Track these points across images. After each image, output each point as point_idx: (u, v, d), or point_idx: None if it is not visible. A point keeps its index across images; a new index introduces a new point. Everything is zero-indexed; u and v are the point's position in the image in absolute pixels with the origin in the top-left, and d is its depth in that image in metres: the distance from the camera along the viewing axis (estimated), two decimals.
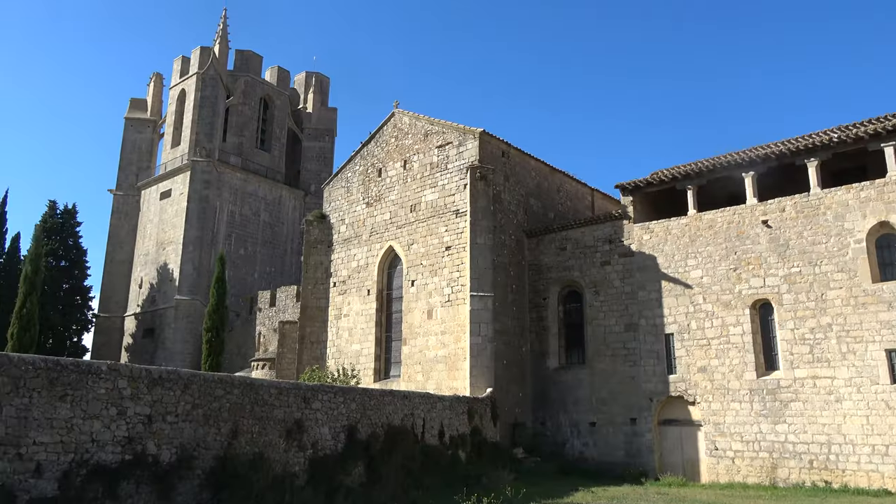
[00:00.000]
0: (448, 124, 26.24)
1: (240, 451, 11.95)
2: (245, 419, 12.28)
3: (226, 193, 45.39)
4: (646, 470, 21.36)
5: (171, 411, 11.03)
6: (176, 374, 11.33)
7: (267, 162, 49.43)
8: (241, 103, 49.05)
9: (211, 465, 11.45)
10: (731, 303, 21.04)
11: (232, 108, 48.82)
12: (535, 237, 26.43)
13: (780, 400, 19.59)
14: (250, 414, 12.41)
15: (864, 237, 19.04)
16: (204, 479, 11.30)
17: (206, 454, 11.44)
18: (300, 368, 27.24)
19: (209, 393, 11.72)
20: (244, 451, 12.02)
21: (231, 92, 48.89)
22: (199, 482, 11.22)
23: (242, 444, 12.07)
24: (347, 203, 29.42)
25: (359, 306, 27.59)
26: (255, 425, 12.47)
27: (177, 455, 10.95)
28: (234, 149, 47.78)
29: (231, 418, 12.01)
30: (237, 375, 12.97)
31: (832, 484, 18.18)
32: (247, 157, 48.02)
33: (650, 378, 22.27)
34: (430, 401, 18.54)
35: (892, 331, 18.12)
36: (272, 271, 46.74)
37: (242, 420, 12.22)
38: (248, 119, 49.13)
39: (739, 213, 21.45)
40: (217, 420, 11.75)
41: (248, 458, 11.98)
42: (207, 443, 11.49)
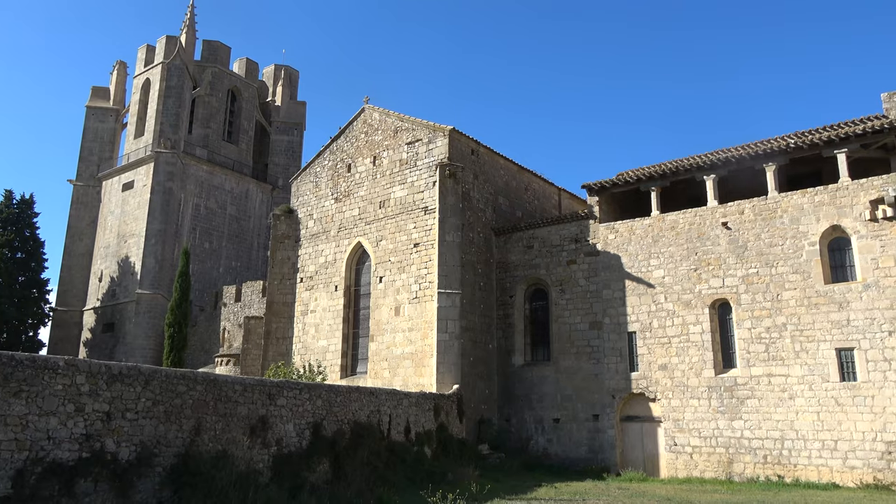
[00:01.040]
0: (418, 121, 26.27)
1: (202, 448, 11.84)
2: (208, 416, 12.17)
3: (191, 186, 44.61)
4: (608, 465, 21.80)
5: (132, 408, 10.87)
6: (136, 369, 11.17)
7: (234, 155, 48.72)
8: (207, 94, 48.21)
9: (172, 462, 11.32)
10: (691, 302, 21.58)
11: (198, 99, 47.95)
12: (503, 235, 26.67)
13: (737, 397, 20.19)
14: (214, 411, 12.30)
15: (817, 240, 19.73)
16: (165, 476, 11.18)
17: (168, 451, 11.31)
18: (265, 365, 27.01)
19: (171, 389, 11.57)
20: (207, 449, 11.91)
21: (197, 83, 48.02)
22: (160, 480, 11.10)
23: (205, 441, 11.96)
24: (316, 198, 29.23)
25: (326, 302, 27.47)
26: (219, 422, 12.36)
27: (137, 452, 10.80)
28: (200, 140, 46.96)
29: (194, 415, 11.88)
30: (200, 371, 12.84)
31: (785, 478, 18.84)
32: (213, 150, 47.25)
33: (613, 375, 22.71)
34: (397, 397, 18.60)
35: (842, 330, 18.84)
36: (238, 266, 46.13)
37: (205, 417, 12.10)
38: (214, 111, 48.33)
39: (701, 214, 22.00)
40: (179, 417, 11.62)
41: (210, 455, 11.87)
42: (169, 440, 11.36)
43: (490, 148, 27.28)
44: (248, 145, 50.20)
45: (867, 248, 18.94)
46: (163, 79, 45.38)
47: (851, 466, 18.09)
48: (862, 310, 18.66)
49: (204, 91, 48.06)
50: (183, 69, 45.75)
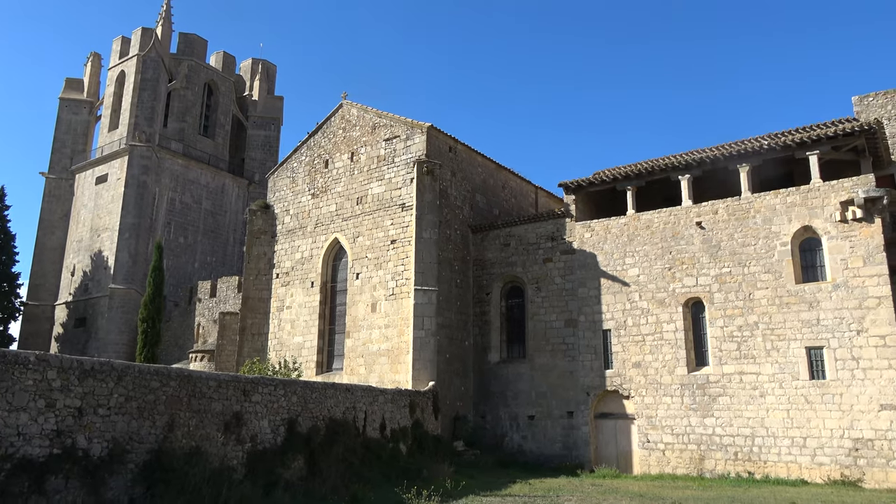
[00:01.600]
0: (396, 118, 26.21)
1: (176, 444, 11.71)
2: (182, 412, 12.03)
3: (166, 180, 43.96)
4: (582, 462, 22.01)
5: (104, 404, 10.71)
6: (109, 365, 10.99)
7: (210, 149, 48.11)
8: (183, 88, 47.53)
9: (145, 458, 11.18)
10: (665, 301, 21.86)
11: (174, 92, 47.26)
12: (480, 233, 26.75)
13: (709, 394, 20.52)
14: (187, 407, 12.17)
15: (789, 240, 20.11)
16: (137, 473, 11.03)
17: (140, 448, 11.17)
18: (240, 361, 26.77)
19: (144, 385, 11.42)
20: (180, 445, 11.78)
21: (173, 76, 47.32)
22: (132, 476, 10.95)
23: (178, 437, 11.83)
24: (293, 193, 29.01)
25: (302, 298, 27.30)
26: (193, 418, 12.23)
27: (109, 449, 10.64)
28: (175, 134, 46.29)
29: (167, 411, 11.74)
30: (174, 367, 12.68)
31: (755, 475, 19.18)
32: (189, 144, 46.60)
33: (588, 373, 22.92)
34: (373, 394, 18.56)
35: (812, 329, 19.24)
36: (213, 261, 45.60)
37: (179, 413, 11.97)
38: (190, 104, 47.67)
39: (675, 214, 22.29)
40: (152, 413, 11.47)
41: (184, 451, 11.75)
42: (141, 436, 11.21)
43: (468, 145, 27.33)
44: (225, 140, 49.62)
45: (837, 249, 19.36)
46: (138, 71, 44.64)
47: (820, 463, 18.49)
48: (831, 309, 19.07)
49: (180, 84, 47.37)
50: (158, 62, 45.05)
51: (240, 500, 11.40)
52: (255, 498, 12.06)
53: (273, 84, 54.22)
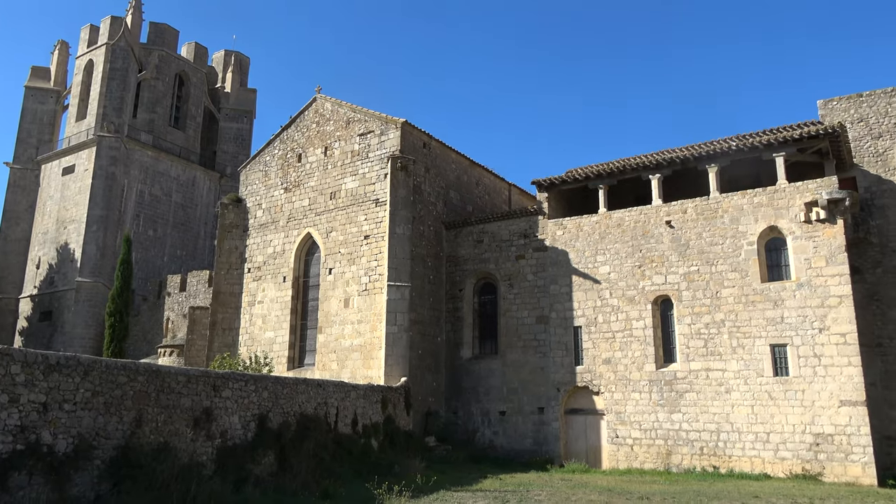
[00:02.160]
0: (371, 113, 26.11)
1: (143, 440, 11.55)
2: (150, 407, 11.87)
3: (135, 172, 43.13)
4: (552, 457, 22.26)
5: (69, 399, 10.52)
6: (75, 359, 10.80)
7: (181, 141, 47.32)
8: (154, 78, 46.64)
9: (111, 455, 11.02)
10: (635, 298, 22.19)
11: (144, 82, 46.35)
12: (454, 229, 26.82)
13: (677, 390, 20.91)
14: (156, 402, 12.01)
15: (755, 240, 20.57)
16: (104, 469, 10.87)
17: (107, 444, 11.00)
18: (210, 356, 26.47)
19: (111, 380, 11.24)
20: (148, 441, 11.63)
21: (143, 66, 46.40)
22: (99, 473, 10.78)
23: (146, 433, 11.68)
24: (265, 187, 28.72)
25: (274, 293, 27.08)
26: (161, 414, 12.08)
27: (74, 445, 10.47)
28: (145, 125, 45.43)
29: (135, 406, 11.58)
30: (142, 362, 12.50)
31: (720, 469, 19.62)
32: (159, 135, 45.77)
33: (558, 369, 23.17)
34: (345, 389, 18.52)
35: (777, 327, 19.72)
36: (183, 255, 44.89)
37: (147, 408, 11.81)
38: (161, 95, 46.80)
39: (646, 213, 22.63)
40: (119, 408, 11.30)
41: (152, 447, 11.60)
42: (108, 432, 11.04)
43: (442, 142, 27.37)
44: (196, 132, 48.84)
45: (801, 249, 19.86)
46: (107, 60, 43.65)
47: (782, 457, 18.98)
48: (795, 307, 19.56)
49: (150, 74, 46.48)
50: (128, 51, 44.12)
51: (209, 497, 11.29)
52: (224, 494, 11.96)
53: (246, 76, 53.52)
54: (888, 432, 21.07)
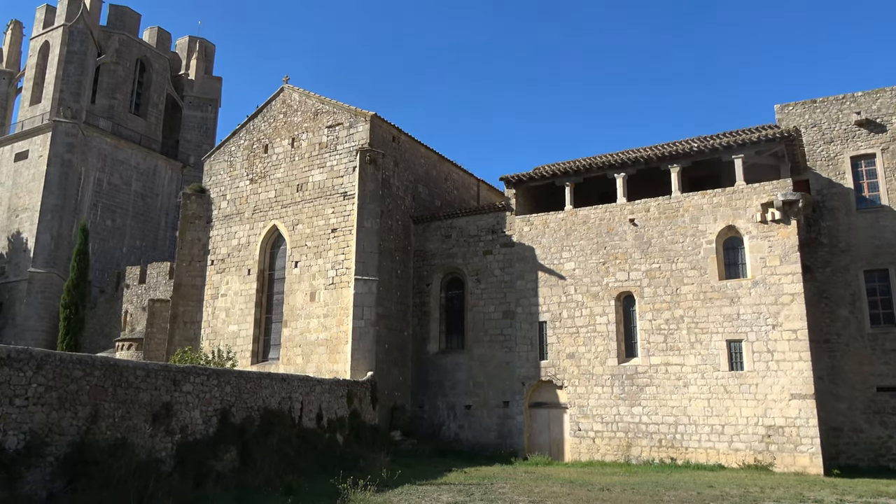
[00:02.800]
0: (339, 105, 25.90)
1: (99, 436, 11.30)
2: (107, 403, 11.61)
3: (93, 159, 41.89)
4: (516, 450, 22.54)
5: (21, 394, 10.21)
6: (27, 353, 10.48)
7: (142, 128, 46.12)
8: (114, 63, 45.32)
9: (66, 451, 10.75)
10: (598, 294, 22.58)
11: (103, 66, 45.00)
12: (422, 224, 26.83)
13: (637, 384, 21.38)
14: (113, 397, 11.75)
15: (714, 239, 21.13)
16: (57, 466, 10.60)
17: (61, 440, 10.72)
18: (171, 350, 25.98)
19: (66, 374, 10.95)
20: (104, 437, 11.38)
21: (103, 49, 45.03)
22: (52, 470, 10.51)
23: (103, 429, 11.42)
24: (230, 178, 28.26)
25: (238, 286, 26.70)
26: (118, 409, 11.83)
27: (26, 441, 10.17)
28: (104, 111, 44.14)
29: (90, 402, 11.30)
30: (99, 356, 12.22)
31: (677, 460, 20.17)
32: (119, 122, 44.54)
33: (524, 363, 23.45)
34: (310, 384, 18.41)
35: (733, 323, 20.33)
36: (143, 246, 43.87)
37: (104, 404, 11.55)
38: (121, 80, 45.51)
39: (610, 210, 23.01)
40: (74, 404, 11.03)
41: (108, 443, 11.36)
42: (62, 428, 10.77)
43: (411, 136, 27.31)
44: (158, 119, 47.67)
45: (757, 248, 20.47)
46: (64, 43, 42.24)
47: (736, 449, 19.60)
48: (750, 305, 20.18)
49: (110, 59, 45.15)
50: (87, 34, 42.76)
51: (168, 493, 11.11)
52: (184, 490, 11.79)
53: (211, 64, 52.41)
54: (834, 424, 21.96)
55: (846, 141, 23.78)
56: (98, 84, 44.49)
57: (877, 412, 21.86)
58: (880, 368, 22.07)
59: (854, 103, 23.89)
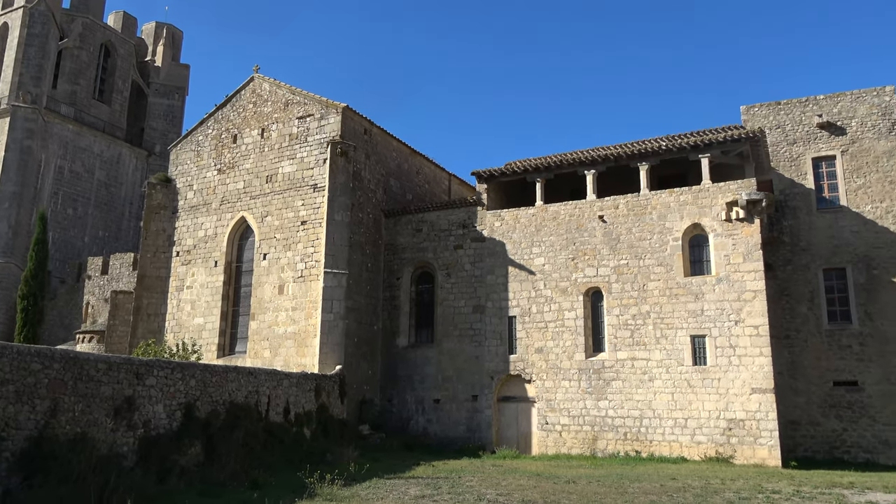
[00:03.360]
0: (311, 96, 25.61)
1: (59, 430, 11.03)
2: (66, 396, 11.33)
3: (54, 146, 40.66)
4: (484, 444, 22.69)
5: None
6: None
7: (106, 116, 44.92)
8: (77, 47, 43.99)
9: (23, 446, 10.46)
10: (567, 289, 22.82)
11: (66, 51, 43.64)
12: (393, 217, 26.74)
13: (604, 378, 21.69)
14: (73, 391, 11.47)
15: (680, 236, 21.52)
16: (14, 461, 10.31)
17: (18, 434, 10.43)
18: (134, 343, 25.46)
19: (23, 367, 10.65)
20: (64, 431, 11.11)
21: (65, 33, 43.67)
22: (8, 465, 10.22)
23: (62, 423, 11.15)
24: (197, 168, 27.74)
25: (204, 278, 26.27)
26: (79, 403, 11.55)
27: None
28: (66, 97, 42.85)
29: (49, 395, 11.01)
30: (59, 348, 11.92)
31: (641, 453, 20.54)
32: (81, 108, 43.28)
33: (493, 357, 23.59)
34: (277, 378, 18.23)
35: (697, 319, 20.75)
36: (106, 236, 42.80)
37: (63, 397, 11.26)
38: (84, 66, 44.21)
39: (580, 207, 23.25)
40: (32, 397, 10.73)
41: (68, 438, 11.09)
42: (19, 422, 10.47)
43: (383, 129, 27.17)
44: (123, 107, 46.46)
45: (721, 246, 20.91)
46: (24, 25, 40.82)
47: (698, 442, 20.05)
48: (714, 301, 20.62)
49: (73, 43, 43.82)
50: (48, 16, 41.42)
51: (130, 488, 10.89)
52: (146, 486, 11.59)
53: (179, 51, 51.26)
54: (792, 417, 22.63)
55: (808, 143, 24.42)
56: (60, 69, 43.15)
57: (833, 406, 22.58)
58: (837, 364, 22.79)
59: (816, 106, 24.53)
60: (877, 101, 23.84)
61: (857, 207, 23.47)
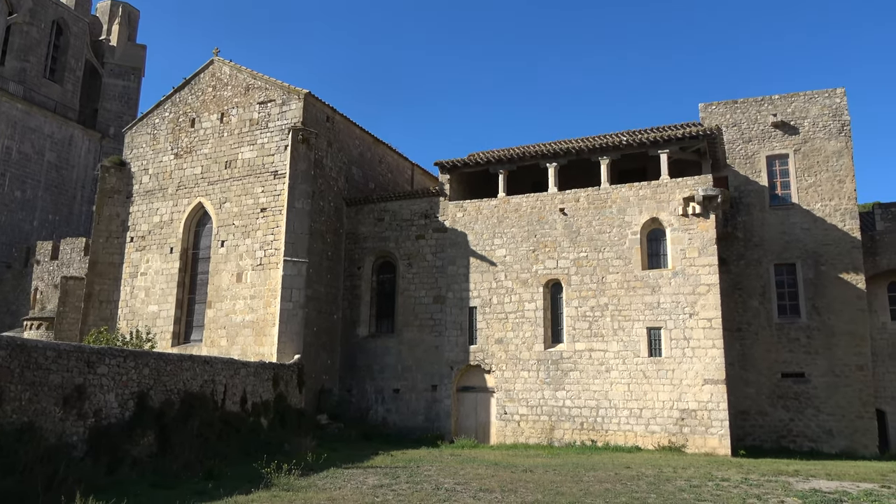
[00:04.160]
0: (272, 81, 25.14)
1: (4, 420, 10.64)
2: (13, 385, 10.93)
3: (1, 125, 39.02)
4: (443, 433, 22.81)
5: None
6: None
7: (57, 95, 43.27)
8: (27, 23, 42.17)
9: None
10: (528, 281, 23.04)
11: (15, 27, 41.80)
12: (355, 206, 26.53)
13: (562, 369, 22.01)
14: (20, 379, 11.07)
15: (639, 230, 21.92)
16: None
17: None
18: (85, 330, 24.71)
19: None
20: (10, 421, 10.73)
21: (14, 8, 41.79)
22: None
23: (8, 412, 10.76)
24: (153, 151, 26.98)
25: (159, 265, 25.63)
26: (26, 391, 11.16)
27: None
28: (14, 75, 41.08)
29: None
30: (5, 335, 11.48)
31: (597, 442, 20.95)
32: (31, 87, 41.59)
33: (453, 348, 23.69)
34: (234, 367, 17.95)
35: (653, 312, 21.21)
36: (57, 220, 41.36)
37: (9, 386, 10.86)
38: (35, 43, 42.44)
39: (542, 199, 23.46)
40: None
41: (14, 427, 10.71)
42: None
43: (346, 116, 26.88)
44: (76, 86, 44.82)
45: (678, 240, 21.39)
46: None
47: (652, 431, 20.55)
48: (670, 294, 21.11)
49: (22, 18, 41.98)
50: None
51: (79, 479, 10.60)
52: (97, 476, 11.29)
53: (135, 31, 49.65)
54: (742, 407, 23.40)
55: (763, 141, 25.12)
56: (8, 45, 41.32)
57: (780, 396, 23.42)
58: (785, 356, 23.63)
59: (771, 105, 25.24)
60: (828, 102, 24.66)
61: (807, 205, 24.29)
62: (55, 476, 10.44)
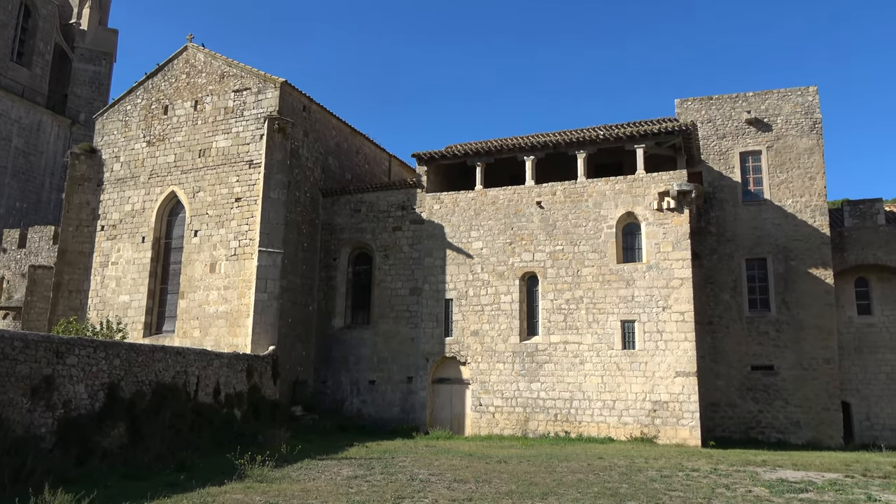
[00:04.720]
0: (248, 69, 24.78)
1: None
2: None
3: None
4: (418, 425, 22.87)
5: None
6: None
7: (25, 79, 42.09)
8: None
9: None
10: (504, 274, 23.13)
11: None
12: (331, 197, 26.34)
13: (537, 361, 22.18)
14: None
15: (614, 224, 22.13)
16: None
17: None
18: (54, 320, 24.22)
19: None
20: None
21: None
22: None
23: None
24: (124, 139, 26.44)
25: (131, 254, 25.18)
26: None
27: None
28: None
29: None
30: None
31: (571, 434, 21.18)
32: None
33: (429, 340, 23.71)
34: (207, 358, 17.75)
35: (627, 305, 21.46)
36: (24, 207, 40.34)
37: None
38: (2, 24, 41.18)
39: (519, 192, 23.54)
40: None
41: None
42: None
43: (323, 106, 26.62)
44: (45, 71, 43.63)
45: (652, 234, 21.64)
46: None
47: (625, 423, 20.84)
48: (644, 287, 21.37)
49: None
50: None
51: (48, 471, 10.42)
52: (66, 468, 11.11)
53: (106, 15, 48.50)
54: (712, 399, 23.85)
55: (737, 137, 25.50)
56: None
57: (749, 389, 23.92)
58: (755, 349, 24.12)
59: (745, 102, 25.61)
60: (801, 100, 25.10)
61: (779, 201, 24.74)
62: (23, 468, 10.26)
